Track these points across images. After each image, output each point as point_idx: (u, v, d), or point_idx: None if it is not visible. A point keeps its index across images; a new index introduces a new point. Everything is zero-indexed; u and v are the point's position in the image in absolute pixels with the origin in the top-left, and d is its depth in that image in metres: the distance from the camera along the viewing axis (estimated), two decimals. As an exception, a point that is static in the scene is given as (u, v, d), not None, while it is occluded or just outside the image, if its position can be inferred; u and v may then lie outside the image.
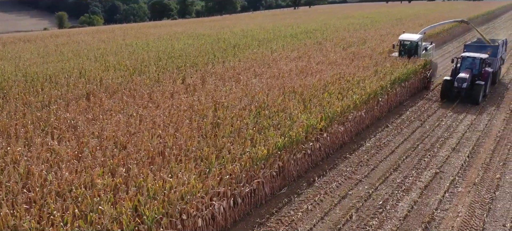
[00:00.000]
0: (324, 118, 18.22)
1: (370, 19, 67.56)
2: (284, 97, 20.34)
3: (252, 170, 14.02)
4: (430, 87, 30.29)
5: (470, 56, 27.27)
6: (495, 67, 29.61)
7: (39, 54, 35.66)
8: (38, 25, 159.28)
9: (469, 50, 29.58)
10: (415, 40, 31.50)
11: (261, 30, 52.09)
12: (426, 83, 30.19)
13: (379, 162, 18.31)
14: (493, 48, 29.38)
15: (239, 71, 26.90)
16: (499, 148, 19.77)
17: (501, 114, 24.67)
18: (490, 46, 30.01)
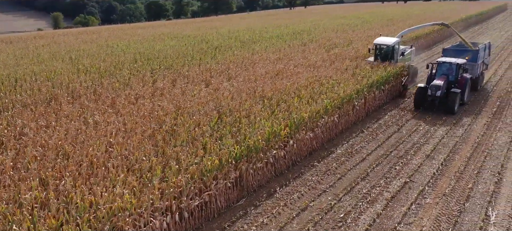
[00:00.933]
0: (290, 124, 17.36)
1: (362, 19, 66.72)
2: (252, 102, 19.49)
3: (202, 182, 13.15)
4: (406, 94, 28.26)
5: (446, 62, 25.51)
6: (476, 73, 27.96)
7: (15, 56, 34.81)
8: (35, 25, 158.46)
9: (447, 54, 27.93)
10: (391, 44, 29.62)
11: (248, 31, 51.25)
12: (401, 90, 28.27)
13: (347, 171, 17.46)
14: (472, 53, 27.75)
15: (214, 74, 26.08)
16: (475, 155, 18.91)
17: (483, 119, 23.81)
18: (469, 50, 28.46)
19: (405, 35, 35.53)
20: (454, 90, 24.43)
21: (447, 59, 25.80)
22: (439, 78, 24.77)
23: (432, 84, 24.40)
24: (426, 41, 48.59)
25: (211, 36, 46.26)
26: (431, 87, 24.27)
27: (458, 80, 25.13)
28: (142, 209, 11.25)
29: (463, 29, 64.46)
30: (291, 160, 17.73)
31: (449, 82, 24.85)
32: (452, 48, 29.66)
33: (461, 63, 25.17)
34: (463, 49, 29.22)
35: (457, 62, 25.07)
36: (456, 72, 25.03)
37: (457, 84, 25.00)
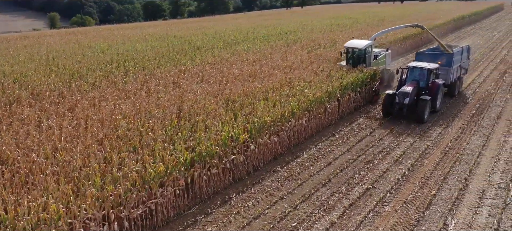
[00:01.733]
0: (250, 129, 16.84)
1: (353, 20, 66.19)
2: (216, 106, 18.97)
3: (146, 189, 12.64)
4: (377, 100, 26.70)
5: (417, 67, 24.09)
6: (451, 78, 26.36)
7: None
8: (32, 25, 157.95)
9: (421, 58, 26.29)
10: (362, 47, 28.18)
11: (235, 32, 50.72)
12: (372, 97, 26.77)
13: (310, 176, 16.93)
14: (446, 57, 26.09)
15: (187, 75, 25.58)
16: (445, 160, 18.37)
17: (459, 121, 23.26)
18: (444, 54, 26.83)
19: (379, 37, 35.04)
20: (424, 97, 22.87)
21: (418, 64, 24.40)
22: (409, 84, 23.44)
23: (400, 91, 22.96)
24: (413, 43, 48.01)
25: (197, 37, 45.74)
26: (399, 94, 22.82)
27: (429, 86, 23.72)
28: (73, 219, 10.74)
29: (454, 30, 64.08)
30: (252, 166, 17.20)
31: (420, 89, 23.55)
32: (427, 52, 28.23)
33: (432, 68, 23.68)
34: (438, 53, 27.59)
35: (428, 67, 23.64)
36: (427, 77, 23.59)
37: (428, 91, 23.63)
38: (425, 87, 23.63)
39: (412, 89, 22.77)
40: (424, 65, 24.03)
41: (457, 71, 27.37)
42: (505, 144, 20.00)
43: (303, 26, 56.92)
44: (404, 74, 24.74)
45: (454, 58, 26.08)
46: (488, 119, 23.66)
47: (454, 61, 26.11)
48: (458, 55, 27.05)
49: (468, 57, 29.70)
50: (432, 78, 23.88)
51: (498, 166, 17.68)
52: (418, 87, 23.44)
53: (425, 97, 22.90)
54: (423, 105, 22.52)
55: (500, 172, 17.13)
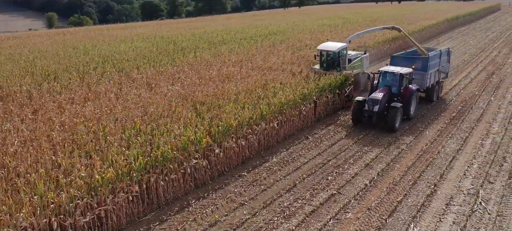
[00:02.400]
0: (214, 132, 16.40)
1: (346, 20, 65.69)
2: (182, 108, 18.53)
3: (95, 196, 12.21)
4: (351, 106, 24.42)
5: (389, 71, 22.80)
6: (427, 83, 25.19)
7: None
8: (30, 25, 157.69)
9: (396, 62, 25.03)
10: (336, 50, 26.96)
11: (224, 32, 50.27)
12: (345, 102, 25.56)
13: (276, 181, 16.49)
14: (422, 61, 24.85)
15: (164, 77, 25.16)
16: (417, 164, 17.93)
17: (438, 124, 22.80)
18: (419, 58, 25.51)
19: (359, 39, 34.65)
20: (395, 104, 21.53)
21: (390, 69, 23.04)
22: (379, 90, 22.28)
23: (369, 98, 21.78)
24: (403, 44, 47.46)
25: (184, 37, 45.31)
26: (368, 101, 21.58)
27: (401, 92, 22.57)
28: (9, 228, 10.32)
29: (448, 30, 63.63)
30: (217, 170, 16.77)
31: (392, 95, 22.38)
32: (402, 56, 26.67)
33: (405, 73, 22.44)
34: (414, 56, 26.23)
35: (400, 72, 22.37)
36: (400, 83, 22.37)
37: (400, 97, 22.43)
38: (397, 93, 22.45)
39: (382, 96, 21.58)
40: (396, 70, 22.72)
41: (435, 75, 26.20)
42: (481, 148, 19.55)
43: (294, 26, 56.47)
44: (376, 80, 23.56)
45: (430, 62, 24.85)
46: (468, 122, 23.20)
47: (430, 66, 24.89)
48: (436, 58, 25.89)
49: (448, 61, 28.48)
50: (405, 84, 22.69)
51: (471, 171, 17.23)
52: (390, 94, 22.34)
53: (396, 104, 21.56)
54: (393, 113, 21.19)
55: (472, 177, 16.68)
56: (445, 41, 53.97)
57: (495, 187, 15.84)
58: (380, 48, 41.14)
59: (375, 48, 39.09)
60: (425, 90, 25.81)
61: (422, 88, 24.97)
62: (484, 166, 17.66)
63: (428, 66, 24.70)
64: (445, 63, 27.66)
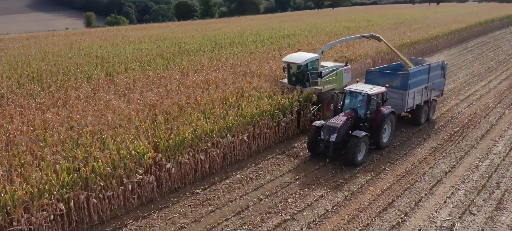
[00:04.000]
0: (165, 146, 15.21)
1: (370, 22, 63.06)
2: (142, 118, 17.46)
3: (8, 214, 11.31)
4: None
5: (354, 91, 19.12)
6: (408, 104, 21.32)
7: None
8: (71, 24, 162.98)
9: (371, 79, 21.50)
10: (301, 62, 22.39)
11: (237, 34, 49.16)
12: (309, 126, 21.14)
13: (229, 202, 15.10)
14: (402, 78, 20.91)
15: (149, 81, 24.29)
16: (394, 187, 16.04)
17: (435, 140, 20.68)
18: (398, 74, 21.38)
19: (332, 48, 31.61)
20: (357, 133, 17.49)
21: (356, 88, 19.30)
22: (342, 114, 18.50)
23: (325, 125, 18.01)
24: (425, 49, 44.67)
25: (194, 39, 44.55)
26: (324, 128, 17.89)
27: (369, 117, 18.75)
28: None
29: (480, 35, 59.60)
30: (169, 187, 15.57)
31: (358, 120, 18.81)
32: (379, 71, 22.54)
33: (374, 93, 18.57)
34: (394, 71, 22.07)
35: (367, 92, 18.53)
36: (367, 105, 18.55)
37: (367, 123, 18.72)
38: (364, 118, 18.75)
39: (342, 123, 17.81)
40: (363, 89, 18.96)
41: (423, 94, 22.25)
42: (475, 170, 17.36)
43: (312, 28, 54.59)
44: (341, 101, 19.80)
45: (411, 79, 20.85)
46: (470, 138, 20.90)
47: (411, 84, 20.91)
48: (421, 74, 21.78)
49: (443, 76, 23.87)
50: (374, 106, 19.00)
51: (454, 198, 15.19)
52: (356, 118, 18.74)
53: (358, 133, 17.53)
54: (354, 145, 17.16)
55: (452, 205, 14.67)
56: (474, 46, 50.50)
57: (475, 220, 13.78)
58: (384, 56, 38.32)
59: (379, 58, 36.42)
60: (411, 111, 22.43)
61: (402, 110, 21.44)
62: (472, 192, 15.57)
63: (409, 84, 20.79)
64: (438, 79, 23.39)
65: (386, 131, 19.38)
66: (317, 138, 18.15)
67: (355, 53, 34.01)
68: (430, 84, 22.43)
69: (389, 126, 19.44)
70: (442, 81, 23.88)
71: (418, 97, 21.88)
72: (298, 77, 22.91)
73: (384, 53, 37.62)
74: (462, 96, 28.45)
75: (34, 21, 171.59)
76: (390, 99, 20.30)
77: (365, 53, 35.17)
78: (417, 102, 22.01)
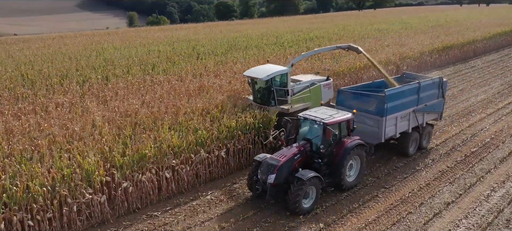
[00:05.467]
0: (120, 163, 13.82)
1: (407, 25, 59.61)
2: (109, 130, 16.16)
3: None
4: None
5: (309, 118, 15.11)
6: (385, 132, 16.99)
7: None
8: (118, 24, 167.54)
9: (342, 100, 17.95)
10: (262, 78, 18.94)
11: (258, 37, 47.55)
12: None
13: (187, 228, 13.46)
14: (377, 101, 16.93)
15: (143, 87, 23.15)
16: (381, 220, 13.85)
17: (446, 162, 18.16)
18: (372, 96, 17.33)
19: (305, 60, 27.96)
20: (301, 174, 13.55)
21: (311, 113, 15.26)
22: (288, 148, 14.72)
23: (264, 161, 14.33)
24: (460, 54, 41.11)
25: (214, 41, 43.38)
26: (262, 166, 14.22)
27: (324, 152, 14.60)
28: None
29: None
30: (125, 208, 14.16)
31: (313, 154, 14.77)
32: (353, 90, 18.36)
33: (331, 122, 14.48)
34: (369, 93, 17.83)
35: (323, 120, 14.54)
36: (324, 137, 14.50)
37: (325, 158, 14.70)
38: (316, 151, 14.75)
39: (285, 160, 13.89)
40: (321, 115, 14.91)
41: (412, 119, 18.07)
42: (483, 202, 14.86)
43: (341, 31, 52.11)
44: (293, 129, 15.61)
45: (389, 103, 16.67)
46: (488, 161, 18.22)
47: (389, 108, 16.72)
48: (405, 96, 17.58)
49: (442, 95, 19.50)
50: (336, 137, 14.93)
51: (449, 237, 12.84)
52: (311, 152, 14.77)
53: (303, 174, 13.55)
54: (296, 189, 13.42)
55: (445, 247, 12.35)
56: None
57: (469, 268, 11.44)
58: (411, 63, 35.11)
59: (404, 64, 33.45)
60: (397, 139, 18.31)
61: (378, 140, 17.13)
62: (474, 230, 13.13)
63: (385, 108, 16.60)
64: (434, 100, 19.05)
65: (353, 167, 15.51)
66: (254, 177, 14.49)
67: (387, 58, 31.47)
68: (420, 107, 18.26)
69: (357, 161, 15.48)
70: (440, 102, 19.49)
71: (403, 124, 17.78)
72: (264, 95, 19.69)
73: (411, 59, 34.79)
74: (491, 110, 25.42)
75: (82, 21, 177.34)
76: (365, 126, 16.99)
77: (386, 58, 32.44)
78: (403, 129, 17.90)
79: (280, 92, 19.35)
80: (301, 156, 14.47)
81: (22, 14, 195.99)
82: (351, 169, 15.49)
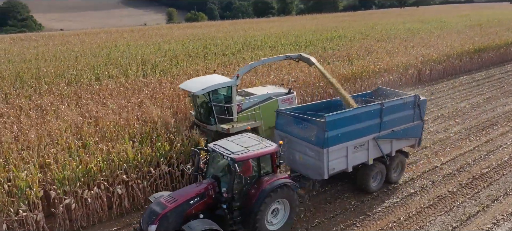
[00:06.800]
0: (60, 177, 12.58)
1: (442, 23, 55.92)
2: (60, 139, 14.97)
3: None
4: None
5: (217, 151, 11.63)
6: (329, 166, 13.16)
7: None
8: (159, 20, 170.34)
9: (282, 124, 14.48)
10: (196, 92, 16.06)
11: (278, 35, 45.73)
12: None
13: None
14: (316, 127, 13.15)
15: (125, 90, 22.05)
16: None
17: (449, 185, 15.77)
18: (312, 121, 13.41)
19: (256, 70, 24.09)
20: (188, 227, 10.31)
21: (221, 145, 11.78)
22: (203, 184, 11.50)
23: (147, 208, 11.13)
24: (495, 57, 37.52)
25: (226, 40, 42.04)
26: (144, 213, 11.08)
27: (230, 195, 11.23)
28: None
29: None
30: (66, 226, 12.94)
31: (220, 197, 11.25)
32: (294, 112, 14.51)
33: (240, 158, 11.12)
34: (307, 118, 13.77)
35: (231, 154, 11.13)
36: (233, 175, 11.10)
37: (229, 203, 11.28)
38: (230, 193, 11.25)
39: (174, 206, 10.71)
40: (230, 149, 11.46)
41: (373, 149, 14.33)
42: (484, 237, 12.52)
43: (370, 29, 49.43)
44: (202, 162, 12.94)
45: (330, 131, 12.80)
46: (498, 186, 15.69)
47: (331, 138, 12.87)
48: (359, 121, 13.74)
49: (419, 118, 15.51)
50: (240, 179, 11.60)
51: None
52: (218, 194, 11.33)
53: (190, 227, 10.28)
54: None
55: None
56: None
57: None
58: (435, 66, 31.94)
59: (426, 68, 30.52)
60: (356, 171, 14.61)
61: (320, 176, 13.39)
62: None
63: (326, 138, 12.77)
64: (408, 124, 15.23)
65: (279, 213, 12.15)
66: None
67: (388, 63, 28.86)
68: (385, 133, 14.50)
69: (285, 206, 12.12)
70: (417, 126, 15.59)
71: (359, 154, 14.05)
72: (206, 111, 16.79)
73: (435, 63, 31.93)
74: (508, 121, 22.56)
75: (124, 17, 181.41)
76: (307, 158, 13.54)
77: (406, 61, 29.81)
78: (360, 160, 14.22)
79: (218, 109, 16.41)
80: (202, 199, 11.11)
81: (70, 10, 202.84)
82: (276, 215, 12.07)
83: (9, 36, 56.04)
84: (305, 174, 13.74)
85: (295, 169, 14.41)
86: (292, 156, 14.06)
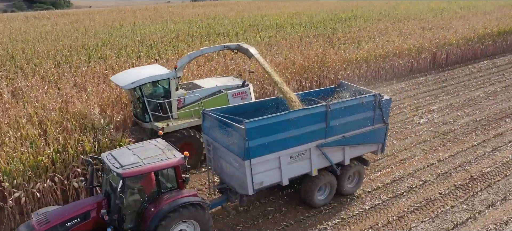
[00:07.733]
0: (7, 169, 11.87)
1: (470, 4, 52.62)
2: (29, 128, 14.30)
3: None
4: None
5: (107, 163, 9.67)
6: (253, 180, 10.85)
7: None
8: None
9: (207, 126, 12.16)
10: (125, 86, 14.20)
11: (290, 15, 44.09)
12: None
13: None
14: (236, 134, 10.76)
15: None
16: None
17: (438, 186, 14.29)
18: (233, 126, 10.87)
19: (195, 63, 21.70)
20: None
21: (113, 156, 9.91)
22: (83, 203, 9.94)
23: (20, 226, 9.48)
24: None
25: (234, 20, 40.91)
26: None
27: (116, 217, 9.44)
28: None
29: None
30: (16, 221, 12.28)
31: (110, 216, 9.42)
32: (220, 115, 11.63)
33: (128, 174, 9.14)
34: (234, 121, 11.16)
35: (118, 169, 9.23)
36: (121, 194, 9.06)
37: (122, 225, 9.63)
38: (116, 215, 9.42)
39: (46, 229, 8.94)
40: (122, 161, 9.54)
41: (317, 158, 11.98)
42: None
43: (388, 9, 46.99)
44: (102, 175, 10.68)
45: (252, 139, 10.44)
46: (496, 189, 14.11)
47: (255, 147, 10.56)
48: (291, 128, 11.15)
49: (383, 120, 13.14)
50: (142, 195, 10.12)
51: None
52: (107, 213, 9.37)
53: None
54: None
55: None
56: None
57: None
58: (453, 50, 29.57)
59: (443, 52, 28.29)
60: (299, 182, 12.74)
61: (244, 190, 11.16)
62: None
63: (247, 148, 10.43)
64: (367, 128, 12.83)
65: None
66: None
67: (398, 46, 26.92)
68: (334, 139, 12.11)
69: (196, 228, 10.18)
70: (379, 130, 13.21)
71: (298, 165, 11.74)
72: (143, 108, 14.78)
73: (453, 46, 29.68)
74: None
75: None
76: (232, 169, 11.34)
77: (418, 44, 27.80)
78: (300, 172, 11.95)
79: (152, 105, 14.61)
80: (84, 220, 9.33)
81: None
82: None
83: (23, 14, 56.28)
84: (232, 186, 11.82)
85: (223, 179, 12.31)
86: (220, 164, 11.96)
